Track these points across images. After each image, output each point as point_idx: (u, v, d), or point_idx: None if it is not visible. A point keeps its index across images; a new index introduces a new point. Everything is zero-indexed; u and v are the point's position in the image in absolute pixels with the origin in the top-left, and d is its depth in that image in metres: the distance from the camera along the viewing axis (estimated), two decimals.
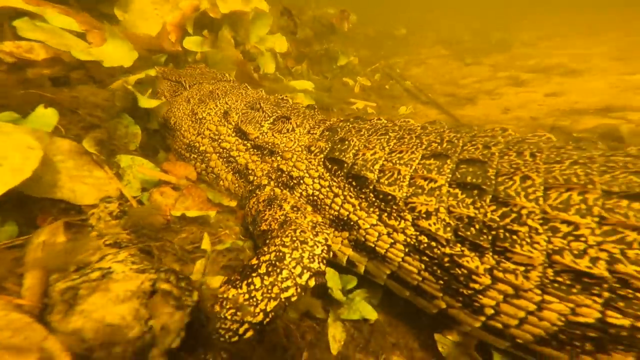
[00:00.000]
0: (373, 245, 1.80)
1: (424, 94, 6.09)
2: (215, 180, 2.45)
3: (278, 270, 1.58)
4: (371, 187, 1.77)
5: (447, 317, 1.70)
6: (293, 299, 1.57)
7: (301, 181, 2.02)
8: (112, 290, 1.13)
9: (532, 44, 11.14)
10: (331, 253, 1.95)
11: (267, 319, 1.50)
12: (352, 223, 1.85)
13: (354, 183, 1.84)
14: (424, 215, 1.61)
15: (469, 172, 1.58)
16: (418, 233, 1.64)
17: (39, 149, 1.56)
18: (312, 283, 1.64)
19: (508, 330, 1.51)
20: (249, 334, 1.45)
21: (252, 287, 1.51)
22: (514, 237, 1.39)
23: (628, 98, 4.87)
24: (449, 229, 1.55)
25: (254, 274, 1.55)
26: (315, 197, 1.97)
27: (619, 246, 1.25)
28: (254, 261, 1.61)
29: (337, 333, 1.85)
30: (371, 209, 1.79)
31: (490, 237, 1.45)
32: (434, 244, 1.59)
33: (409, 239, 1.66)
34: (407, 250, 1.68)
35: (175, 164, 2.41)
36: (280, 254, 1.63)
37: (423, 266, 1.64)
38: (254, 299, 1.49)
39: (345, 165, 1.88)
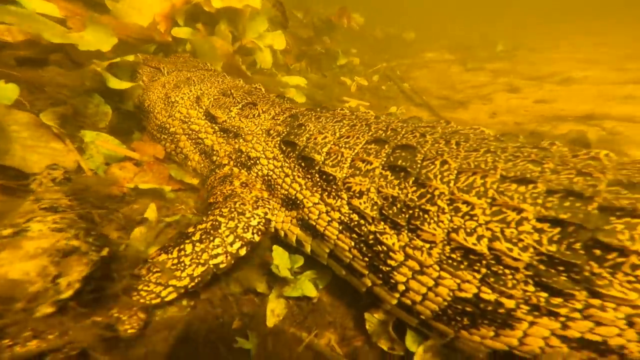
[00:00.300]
0: (314, 224, 1.85)
1: (418, 96, 6.04)
2: (184, 161, 2.51)
3: (211, 238, 1.63)
4: (317, 167, 1.84)
5: (374, 296, 1.73)
6: (222, 265, 1.63)
7: (257, 161, 2.09)
8: (23, 248, 1.17)
9: (538, 51, 10.88)
10: (274, 229, 2.02)
11: (193, 284, 1.54)
12: (298, 202, 1.91)
13: (302, 164, 1.91)
14: (357, 195, 1.68)
15: (401, 156, 1.66)
16: (351, 211, 1.70)
17: None
18: (242, 252, 1.70)
19: (414, 306, 1.56)
20: (172, 296, 1.49)
21: (182, 252, 1.56)
22: (425, 215, 1.47)
23: (610, 107, 4.81)
24: (375, 207, 1.62)
25: (187, 241, 1.60)
26: (269, 177, 2.03)
27: (500, 225, 1.32)
28: (191, 229, 1.66)
29: (278, 308, 1.87)
30: (315, 188, 1.86)
31: (407, 216, 1.52)
32: (362, 221, 1.66)
33: (343, 217, 1.73)
34: (340, 228, 1.74)
35: (144, 144, 2.47)
36: (217, 223, 1.70)
37: (353, 243, 1.70)
38: (182, 264, 1.53)
39: (298, 147, 1.95)
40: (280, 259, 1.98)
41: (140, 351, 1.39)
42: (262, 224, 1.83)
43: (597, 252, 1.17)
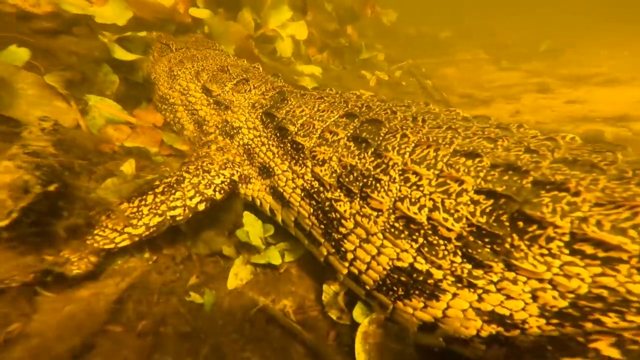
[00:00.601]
0: (282, 191, 1.88)
1: (438, 93, 5.75)
2: (180, 130, 2.61)
3: (172, 191, 1.69)
4: (289, 137, 1.88)
5: (330, 266, 1.73)
6: (179, 218, 1.67)
7: (239, 130, 2.15)
8: None
9: (584, 53, 9.91)
10: (251, 198, 2.06)
11: (147, 233, 1.59)
12: (270, 170, 1.95)
13: (278, 134, 1.95)
14: (320, 163, 1.71)
15: (367, 129, 1.68)
16: (313, 179, 1.74)
17: None
18: (201, 207, 1.75)
19: (361, 276, 1.56)
20: (125, 243, 1.54)
21: (142, 202, 1.62)
22: (377, 184, 1.48)
23: None
24: (334, 175, 1.65)
25: (149, 192, 1.67)
26: (248, 146, 2.09)
27: (442, 196, 1.32)
28: (157, 182, 1.73)
29: (242, 273, 1.88)
30: (285, 157, 1.89)
31: (361, 184, 1.52)
32: (321, 189, 1.68)
33: (305, 184, 1.76)
34: (303, 194, 1.77)
35: (146, 112, 2.59)
36: (181, 178, 1.76)
37: (312, 210, 1.72)
38: (140, 213, 1.59)
39: (276, 119, 2.00)
40: (252, 226, 1.99)
41: (85, 293, 1.46)
42: (226, 183, 1.86)
43: (520, 224, 1.17)
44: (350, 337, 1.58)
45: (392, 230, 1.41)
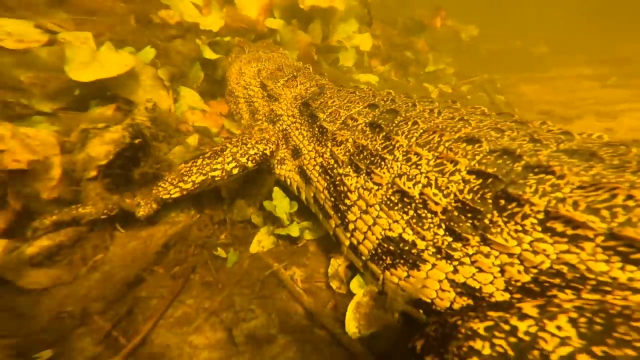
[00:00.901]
0: (305, 169, 2.11)
1: (510, 108, 5.27)
2: (239, 119, 3.05)
3: (216, 157, 2.04)
4: (318, 122, 2.11)
5: (337, 239, 1.87)
6: (217, 178, 2.01)
7: (280, 118, 2.45)
8: (105, 137, 1.79)
9: None
10: (283, 177, 2.31)
11: (192, 188, 1.96)
12: (299, 150, 2.20)
13: (309, 120, 2.20)
14: (338, 144, 1.92)
15: (384, 117, 1.83)
16: (330, 157, 1.93)
17: (128, 66, 2.43)
18: (235, 171, 2.06)
19: (359, 246, 1.68)
20: (176, 195, 1.93)
21: (194, 164, 2.01)
22: (382, 162, 1.63)
23: None
24: (347, 154, 1.84)
25: (200, 156, 2.05)
26: (286, 131, 2.37)
27: (437, 174, 1.42)
28: (207, 150, 2.11)
29: (265, 241, 2.14)
30: (312, 139, 2.12)
31: (368, 162, 1.70)
32: (335, 165, 1.88)
33: (323, 161, 1.96)
34: (320, 170, 1.98)
35: (217, 103, 3.11)
36: (225, 147, 2.11)
37: (325, 184, 1.91)
38: (190, 172, 1.97)
39: (310, 107, 2.25)
40: (279, 201, 2.23)
41: (144, 233, 1.88)
42: (258, 155, 2.14)
43: (502, 202, 1.21)
44: (346, 306, 1.68)
45: (388, 202, 1.54)
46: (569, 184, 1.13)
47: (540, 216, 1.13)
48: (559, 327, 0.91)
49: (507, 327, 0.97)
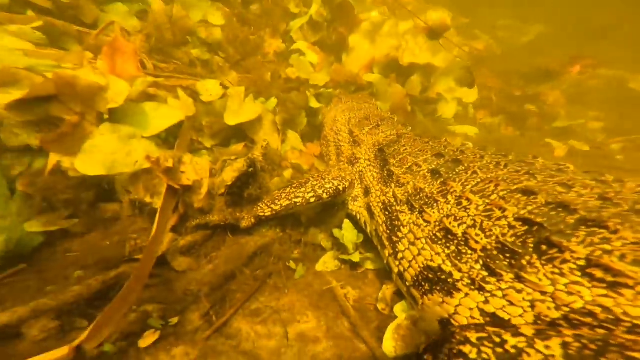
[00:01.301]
0: (371, 206, 2.45)
1: None
2: (328, 160, 3.63)
3: (300, 187, 2.55)
4: (387, 167, 2.44)
5: (389, 267, 2.13)
6: (298, 204, 2.48)
7: (358, 161, 2.87)
8: (234, 165, 2.61)
9: None
10: (355, 213, 2.70)
11: (279, 209, 2.49)
12: (369, 189, 2.56)
13: (381, 164, 2.56)
14: (400, 185, 2.21)
15: (446, 166, 2.07)
16: (391, 196, 2.23)
17: (257, 113, 3.35)
18: (312, 200, 2.51)
19: (404, 273, 1.89)
20: (268, 214, 2.51)
21: (284, 191, 2.56)
22: (434, 204, 1.85)
23: None
24: (406, 194, 2.11)
25: (288, 187, 2.60)
26: (361, 172, 2.78)
27: (483, 218, 1.56)
28: (295, 182, 2.66)
29: (329, 263, 2.55)
30: (380, 180, 2.47)
31: (422, 202, 1.94)
32: (394, 203, 2.17)
33: (386, 200, 2.27)
34: (381, 207, 2.29)
35: (313, 145, 3.82)
36: (307, 181, 2.61)
37: (384, 219, 2.21)
38: (280, 197, 2.52)
39: (384, 153, 2.61)
40: (348, 232, 2.61)
41: (242, 240, 2.50)
42: (332, 189, 2.55)
43: (544, 247, 1.29)
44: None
45: (433, 237, 1.73)
46: (621, 239, 1.16)
47: (581, 262, 1.19)
48: (547, 347, 0.98)
49: (497, 340, 1.07)
